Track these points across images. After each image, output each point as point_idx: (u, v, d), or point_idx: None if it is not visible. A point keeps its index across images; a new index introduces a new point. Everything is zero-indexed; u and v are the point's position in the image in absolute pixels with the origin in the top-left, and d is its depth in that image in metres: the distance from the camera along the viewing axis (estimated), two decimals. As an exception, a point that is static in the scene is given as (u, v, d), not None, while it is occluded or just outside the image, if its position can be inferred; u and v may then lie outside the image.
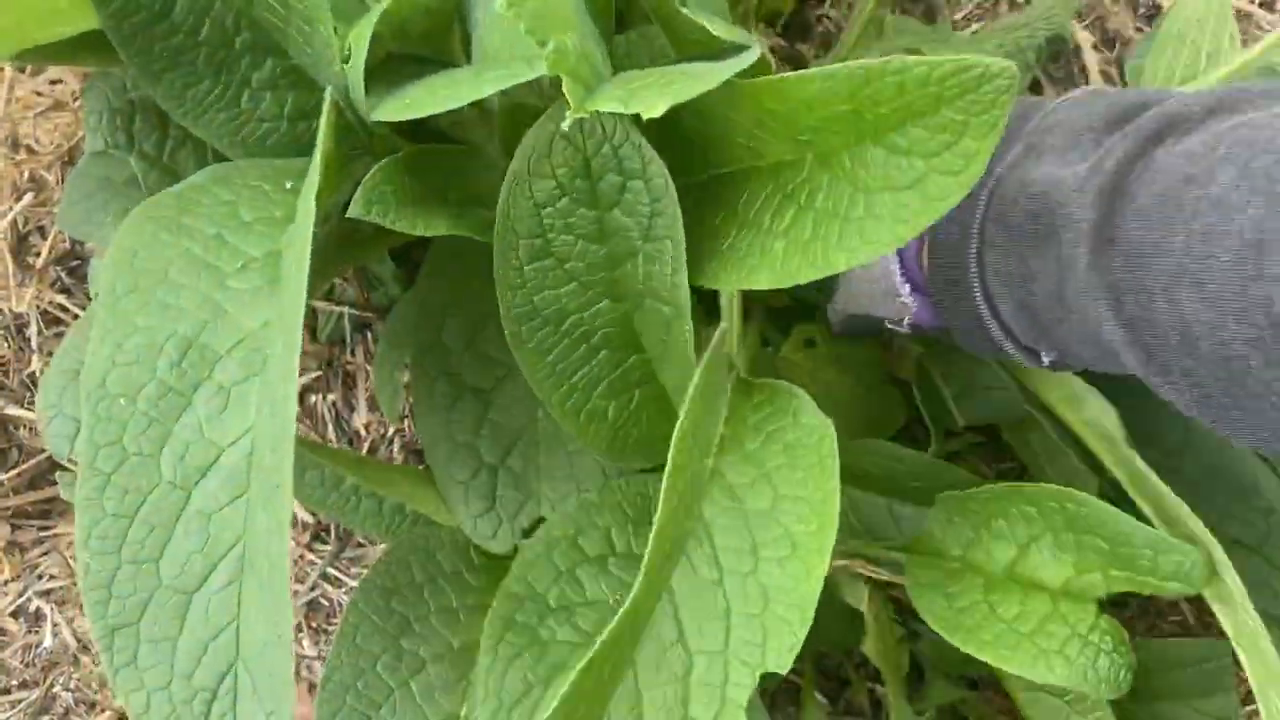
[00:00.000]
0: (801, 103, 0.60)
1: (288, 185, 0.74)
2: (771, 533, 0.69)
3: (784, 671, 0.64)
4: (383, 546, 1.07)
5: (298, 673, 1.08)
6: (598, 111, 0.60)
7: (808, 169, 0.64)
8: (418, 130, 0.82)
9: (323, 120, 0.67)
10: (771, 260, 0.65)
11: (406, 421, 1.09)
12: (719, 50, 0.66)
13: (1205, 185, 0.54)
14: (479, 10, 0.75)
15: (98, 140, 0.89)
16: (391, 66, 0.76)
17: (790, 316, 1.05)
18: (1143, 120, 0.61)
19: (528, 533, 0.86)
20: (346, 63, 0.68)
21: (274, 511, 0.57)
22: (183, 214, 0.69)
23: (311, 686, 1.07)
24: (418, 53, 0.80)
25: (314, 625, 1.08)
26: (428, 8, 0.73)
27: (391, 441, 1.10)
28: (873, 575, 0.84)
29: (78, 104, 1.11)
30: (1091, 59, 1.17)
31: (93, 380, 0.62)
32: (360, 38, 0.67)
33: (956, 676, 0.97)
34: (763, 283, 0.65)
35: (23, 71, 1.13)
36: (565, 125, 0.58)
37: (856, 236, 0.60)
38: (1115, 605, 0.85)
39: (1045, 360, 0.69)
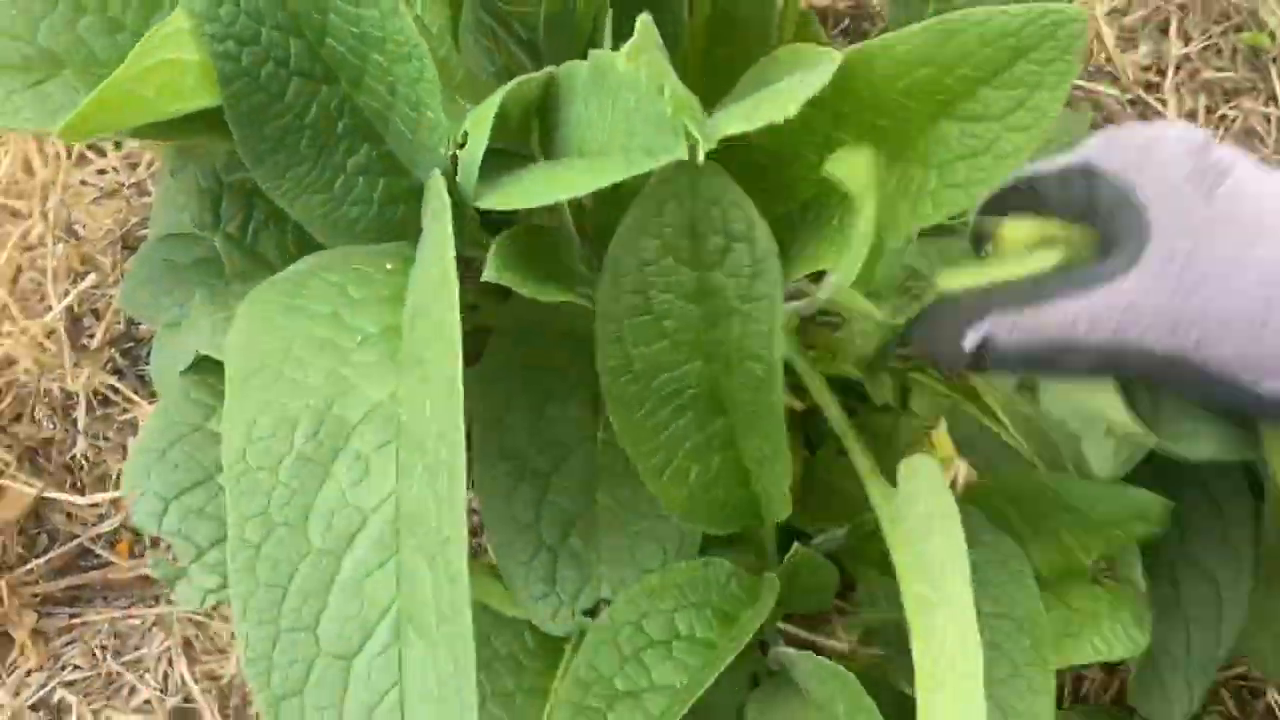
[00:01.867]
0: (887, 71, 0.65)
1: (388, 267, 0.77)
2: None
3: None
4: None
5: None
6: (709, 175, 0.69)
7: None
8: (497, 221, 0.87)
9: (440, 202, 0.70)
10: (839, 248, 0.68)
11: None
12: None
13: None
14: (569, 110, 0.79)
15: (176, 220, 0.91)
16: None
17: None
18: None
19: (588, 614, 0.87)
20: (461, 148, 0.72)
21: (445, 566, 0.58)
22: (294, 297, 0.71)
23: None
24: (502, 145, 0.84)
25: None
26: (528, 99, 0.77)
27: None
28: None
29: (129, 191, 1.13)
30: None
31: (232, 456, 0.63)
32: (481, 122, 0.70)
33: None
34: (826, 265, 0.70)
35: (70, 159, 1.15)
36: (700, 158, 0.61)
37: (929, 206, 0.65)
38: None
39: None
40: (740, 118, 0.61)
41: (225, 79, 0.72)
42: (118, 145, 1.17)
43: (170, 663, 1.07)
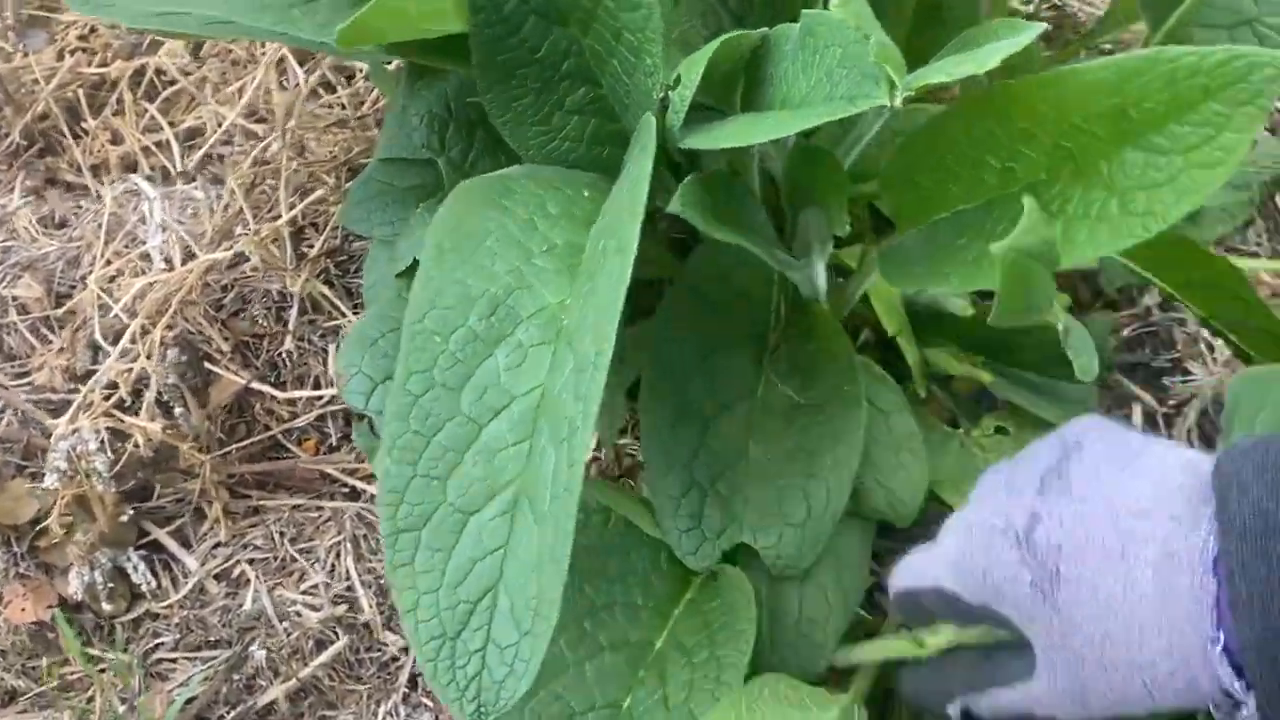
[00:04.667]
0: (1072, 97, 0.67)
1: (585, 194, 0.83)
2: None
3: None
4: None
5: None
6: None
7: (1062, 184, 0.69)
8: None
9: (647, 137, 0.76)
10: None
11: (602, 449, 1.15)
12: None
13: None
14: (773, 68, 0.83)
15: (399, 146, 1.01)
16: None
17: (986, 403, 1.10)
18: None
19: (727, 555, 0.91)
20: (672, 88, 0.77)
21: (569, 451, 0.64)
22: (502, 196, 0.79)
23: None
24: (703, 101, 0.89)
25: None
26: (737, 55, 0.82)
27: (588, 466, 1.16)
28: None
29: (355, 124, 1.24)
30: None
31: (414, 316, 0.71)
32: (694, 66, 0.76)
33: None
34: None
35: (305, 91, 1.27)
36: (896, 102, 0.64)
37: (1106, 233, 0.66)
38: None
39: None
40: (941, 71, 0.64)
41: (475, 7, 0.80)
42: (348, 81, 1.29)
43: (339, 556, 1.16)
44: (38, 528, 1.13)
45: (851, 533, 0.95)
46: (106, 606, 1.14)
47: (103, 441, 1.07)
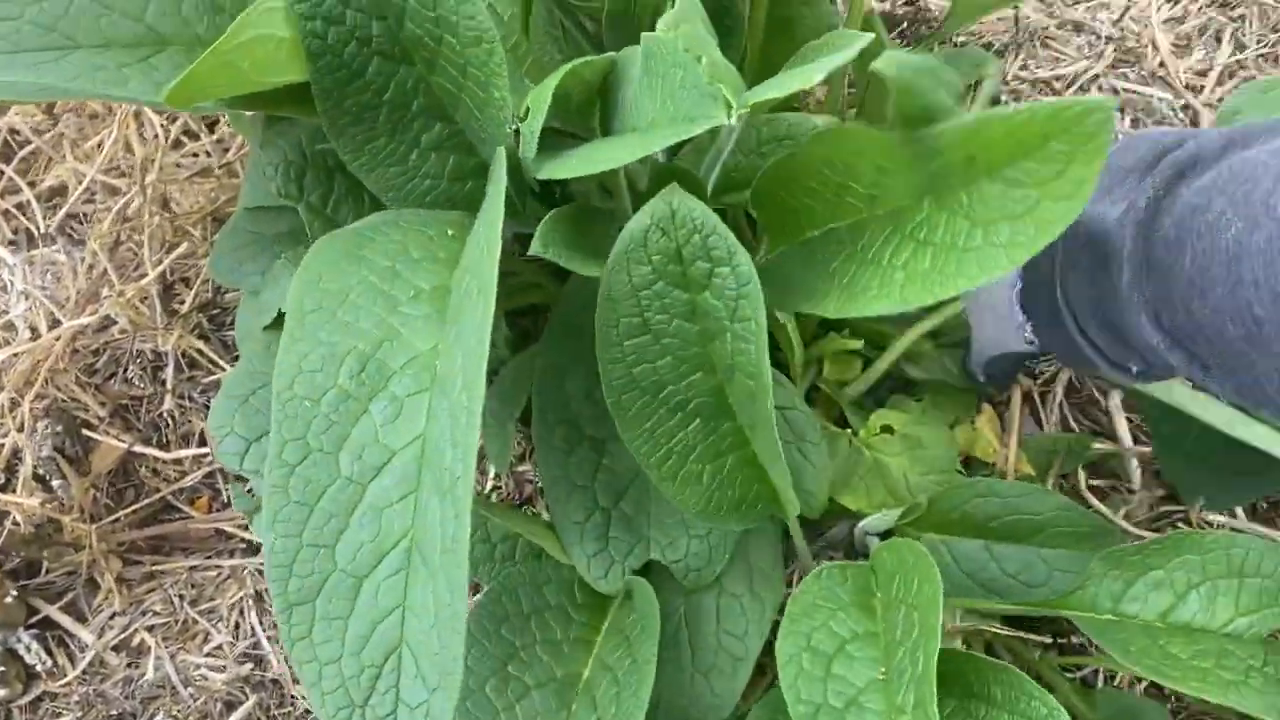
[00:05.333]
0: (918, 156, 0.67)
1: (449, 233, 0.81)
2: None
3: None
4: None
5: None
6: (687, 206, 0.73)
7: (926, 211, 0.70)
8: (558, 202, 0.91)
9: (499, 174, 0.75)
10: (891, 290, 0.71)
11: (501, 477, 1.15)
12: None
13: (1205, 213, 0.64)
14: (624, 91, 0.83)
15: (263, 194, 0.98)
16: (543, 139, 0.84)
17: (874, 402, 1.11)
18: (1169, 160, 0.70)
19: (637, 574, 0.91)
20: (524, 119, 0.76)
21: (453, 502, 0.62)
22: (359, 248, 0.76)
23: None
24: (563, 128, 0.89)
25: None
26: (587, 81, 0.81)
27: (489, 496, 1.15)
28: (996, 631, 0.89)
29: (220, 171, 1.21)
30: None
31: (282, 383, 0.68)
32: (541, 97, 0.75)
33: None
34: (882, 309, 0.72)
35: (167, 142, 1.24)
36: (733, 120, 0.64)
37: (974, 265, 0.66)
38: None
39: (1133, 370, 0.75)
40: (773, 87, 0.64)
41: (312, 55, 0.78)
42: (211, 129, 1.25)
43: (242, 613, 1.13)
44: (-81, 618, 1.09)
45: (760, 540, 0.95)
46: (0, 692, 1.10)
47: (-22, 523, 1.03)
